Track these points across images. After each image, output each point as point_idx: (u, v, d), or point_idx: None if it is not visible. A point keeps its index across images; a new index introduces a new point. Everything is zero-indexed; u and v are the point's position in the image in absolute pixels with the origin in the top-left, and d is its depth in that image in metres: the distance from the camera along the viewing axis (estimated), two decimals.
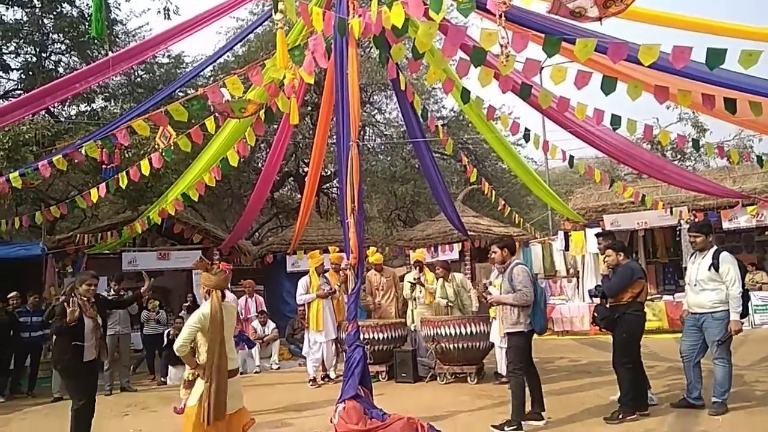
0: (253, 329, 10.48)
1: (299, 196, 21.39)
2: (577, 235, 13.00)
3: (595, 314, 5.73)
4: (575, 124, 8.09)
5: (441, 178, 10.64)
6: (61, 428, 5.80)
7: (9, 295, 9.16)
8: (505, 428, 5.21)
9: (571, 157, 9.30)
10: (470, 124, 20.12)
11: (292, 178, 21.10)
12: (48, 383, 8.82)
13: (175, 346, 4.37)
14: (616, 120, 7.09)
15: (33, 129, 9.50)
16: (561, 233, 13.53)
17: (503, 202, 11.64)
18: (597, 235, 7.07)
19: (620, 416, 5.33)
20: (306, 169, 20.48)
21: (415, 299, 8.84)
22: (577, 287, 13.69)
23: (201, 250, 12.76)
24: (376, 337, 8.23)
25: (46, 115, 12.12)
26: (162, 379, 9.40)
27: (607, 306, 5.67)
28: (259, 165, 18.93)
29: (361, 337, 6.35)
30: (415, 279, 8.76)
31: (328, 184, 21.22)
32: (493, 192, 11.04)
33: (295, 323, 10.90)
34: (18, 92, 14.56)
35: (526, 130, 8.24)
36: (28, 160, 9.15)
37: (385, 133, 21.50)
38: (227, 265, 6.98)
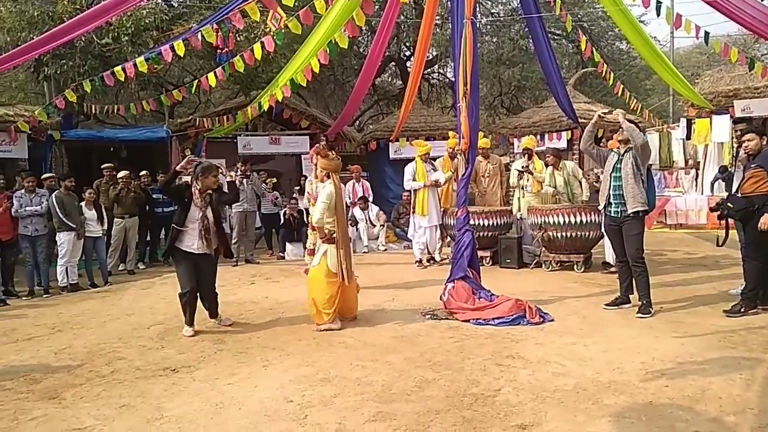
0: (352, 215, 10.82)
1: (400, 82, 21.03)
2: (702, 123, 11.98)
3: (730, 204, 5.31)
4: None
5: (554, 59, 9.99)
6: None
7: (140, 173, 9.97)
8: (642, 314, 5.24)
9: (707, 33, 8.35)
10: (586, 0, 18.49)
11: (393, 63, 20.67)
12: None
13: (315, 219, 5.18)
14: None
15: (152, 14, 9.84)
16: (683, 120, 12.50)
17: (621, 86, 10.82)
18: (735, 121, 6.43)
19: (741, 309, 5.15)
20: (408, 53, 20.01)
21: (522, 188, 8.70)
22: (696, 179, 12.85)
23: (308, 136, 13.13)
24: (481, 224, 8.29)
25: (160, 1, 12.40)
26: (281, 254, 10.14)
27: (740, 196, 5.27)
28: (361, 50, 18.65)
29: None
30: (523, 167, 8.56)
31: (429, 70, 20.62)
32: (611, 74, 10.24)
33: (400, 208, 11.17)
34: None
35: (658, 2, 7.43)
36: (149, 45, 9.57)
37: (492, 11, 20.21)
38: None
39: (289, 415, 3.41)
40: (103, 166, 9.46)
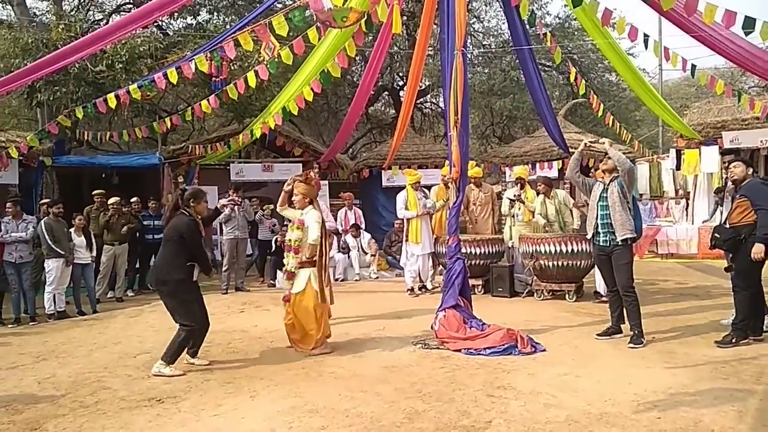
0: (345, 242, 10.80)
1: (393, 111, 21.24)
2: (691, 154, 12.13)
3: (717, 235, 5.36)
4: (699, 29, 7.34)
5: (544, 90, 10.13)
6: None
7: (131, 200, 9.91)
8: (634, 344, 5.22)
9: (693, 66, 8.51)
10: (576, 33, 18.85)
11: (386, 93, 20.90)
12: None
13: (313, 238, 5.36)
14: (749, 23, 6.33)
15: (147, 42, 9.94)
16: (673, 151, 12.68)
17: (611, 117, 10.96)
18: (722, 153, 6.50)
19: (733, 339, 5.13)
20: (401, 83, 20.25)
21: (513, 216, 8.73)
22: (686, 209, 12.96)
23: (301, 163, 13.17)
24: (472, 252, 8.28)
25: (155, 29, 12.55)
26: (271, 281, 10.06)
27: (728, 226, 5.31)
28: (355, 79, 18.86)
29: None
30: (515, 196, 8.61)
31: (421, 99, 20.87)
32: (601, 105, 10.38)
33: (392, 236, 11.16)
34: (128, 6, 15.13)
35: (646, 35, 7.57)
36: (143, 72, 9.63)
37: (484, 43, 20.57)
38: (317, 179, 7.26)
39: None
40: (93, 193, 9.41)
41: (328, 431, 3.55)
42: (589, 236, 5.71)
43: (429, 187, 9.24)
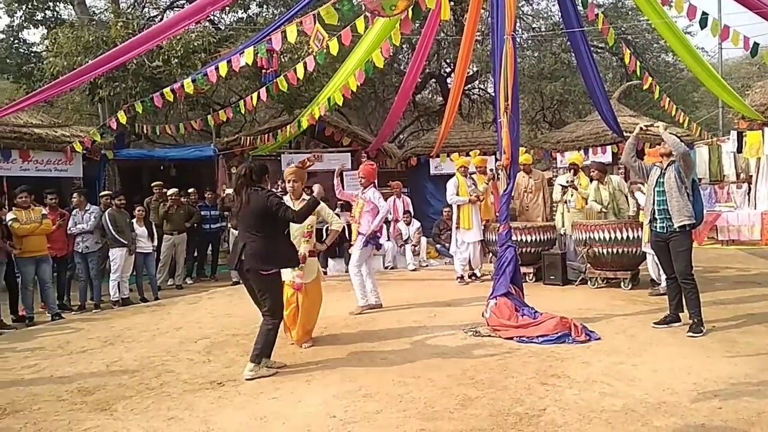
0: (398, 230, 10.86)
1: (440, 98, 21.08)
2: (754, 135, 11.58)
3: None
4: (763, 5, 7.00)
5: (597, 72, 9.85)
6: (244, 306, 6.60)
7: (188, 191, 10.25)
8: (694, 332, 5.09)
9: (756, 44, 8.11)
10: (630, 12, 18.21)
11: (434, 80, 20.75)
12: (226, 270, 10.03)
13: (338, 224, 5.55)
14: None
15: (200, 37, 10.21)
16: (734, 133, 12.11)
17: (667, 99, 10.57)
18: None
19: None
20: (448, 70, 20.07)
21: (566, 203, 8.58)
22: (748, 193, 12.40)
23: (350, 153, 13.27)
24: (523, 239, 8.19)
25: (208, 24, 12.85)
26: (323, 270, 10.20)
27: None
28: (402, 67, 18.80)
29: None
30: (567, 182, 8.45)
31: (469, 85, 20.63)
32: (657, 87, 10.03)
33: (440, 224, 11.14)
34: (182, 2, 15.52)
35: (704, 13, 7.27)
36: (197, 67, 9.91)
37: (534, 26, 20.13)
38: (371, 164, 7.26)
39: (332, 431, 3.44)
40: (152, 184, 9.78)
41: (383, 415, 3.63)
42: (646, 222, 5.58)
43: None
